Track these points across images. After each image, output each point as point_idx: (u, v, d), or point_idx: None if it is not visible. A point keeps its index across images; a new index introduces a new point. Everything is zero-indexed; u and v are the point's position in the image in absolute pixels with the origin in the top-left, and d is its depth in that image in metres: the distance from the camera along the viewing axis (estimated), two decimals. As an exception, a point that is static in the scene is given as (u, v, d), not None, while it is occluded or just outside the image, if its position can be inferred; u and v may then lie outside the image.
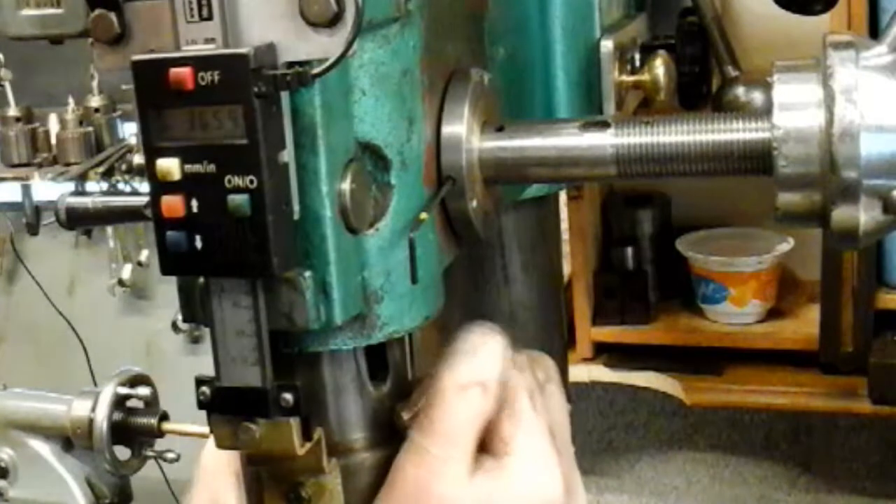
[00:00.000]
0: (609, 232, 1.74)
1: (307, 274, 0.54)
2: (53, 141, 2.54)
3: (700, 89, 1.13)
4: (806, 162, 0.57)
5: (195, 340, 2.73)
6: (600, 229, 1.74)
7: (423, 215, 0.58)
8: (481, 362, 0.60)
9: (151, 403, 1.23)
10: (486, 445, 0.60)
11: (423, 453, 0.58)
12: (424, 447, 0.58)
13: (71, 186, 2.42)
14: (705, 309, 1.66)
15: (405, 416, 0.61)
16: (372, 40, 0.55)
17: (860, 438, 1.78)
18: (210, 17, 0.51)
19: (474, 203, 0.63)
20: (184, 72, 0.50)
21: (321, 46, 0.51)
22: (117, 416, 1.21)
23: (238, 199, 0.50)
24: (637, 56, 0.85)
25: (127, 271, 2.73)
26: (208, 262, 0.52)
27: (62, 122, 2.53)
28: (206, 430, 0.57)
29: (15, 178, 2.60)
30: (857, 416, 1.66)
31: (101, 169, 2.47)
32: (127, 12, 0.53)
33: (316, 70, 0.50)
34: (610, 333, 1.67)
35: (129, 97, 0.52)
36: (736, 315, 1.63)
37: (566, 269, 1.61)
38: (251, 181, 0.50)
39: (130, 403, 1.23)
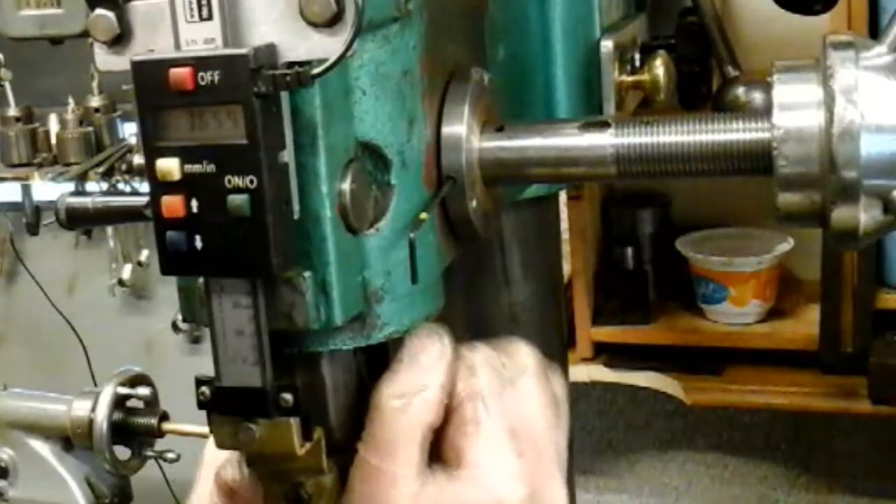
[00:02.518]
0: (609, 232, 1.74)
1: (307, 274, 0.54)
2: (53, 141, 2.54)
3: (700, 89, 1.13)
4: (806, 162, 0.57)
5: (195, 340, 2.73)
6: (600, 229, 1.74)
7: (424, 215, 0.58)
8: (419, 370, 0.58)
9: (151, 403, 1.23)
10: (440, 456, 0.59)
11: (367, 467, 0.57)
12: (368, 461, 0.57)
13: (71, 186, 2.42)
14: (705, 309, 1.66)
15: None
16: (372, 40, 0.55)
17: (860, 438, 1.78)
18: (210, 17, 0.51)
19: (474, 203, 0.63)
20: (184, 72, 0.50)
21: (321, 46, 0.51)
22: (117, 416, 1.21)
23: (238, 199, 0.50)
24: (637, 56, 0.85)
25: (127, 271, 2.72)
26: (208, 262, 0.52)
27: (62, 122, 2.53)
28: (206, 430, 0.57)
29: (15, 178, 2.59)
30: (857, 416, 1.66)
31: (101, 169, 2.46)
32: (127, 12, 0.53)
33: (316, 70, 0.50)
34: (610, 333, 1.67)
35: (129, 97, 0.52)
36: (736, 315, 1.63)
37: (566, 269, 1.61)
38: (251, 181, 0.50)
39: (130, 403, 1.23)
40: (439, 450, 0.59)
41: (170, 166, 0.51)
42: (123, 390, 1.22)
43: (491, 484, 0.58)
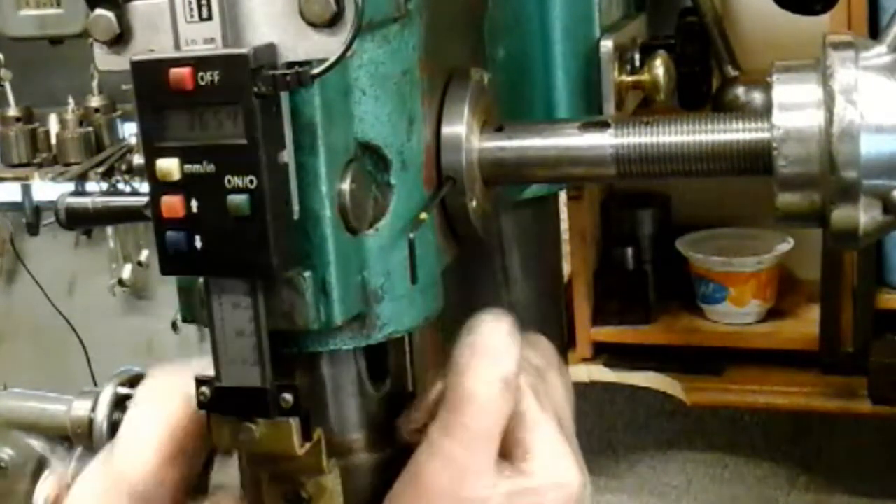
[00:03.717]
0: (609, 232, 1.74)
1: (307, 274, 0.54)
2: (53, 141, 2.54)
3: (700, 89, 1.13)
4: (806, 162, 0.57)
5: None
6: (600, 229, 1.74)
7: (423, 215, 0.58)
8: (500, 357, 0.58)
9: (151, 403, 1.23)
10: (503, 447, 0.59)
11: (450, 458, 0.57)
12: (451, 451, 0.57)
13: (71, 186, 2.42)
14: (705, 309, 1.66)
15: (411, 423, 0.60)
16: (372, 40, 0.55)
17: (860, 438, 1.78)
18: (210, 17, 0.51)
19: (474, 203, 0.63)
20: (184, 72, 0.50)
21: (321, 46, 0.51)
22: (117, 416, 1.20)
23: (238, 199, 0.50)
24: (637, 56, 0.85)
25: (127, 271, 2.73)
26: (208, 262, 0.52)
27: (62, 122, 2.53)
28: (205, 430, 0.57)
29: (15, 178, 2.60)
30: (857, 416, 1.66)
31: (101, 169, 2.47)
32: (127, 12, 0.53)
33: (316, 70, 0.50)
34: (610, 333, 1.67)
35: (129, 97, 0.52)
36: (736, 315, 1.63)
37: (566, 269, 1.61)
38: (251, 181, 0.50)
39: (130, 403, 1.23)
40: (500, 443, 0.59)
41: (169, 166, 0.51)
42: (123, 390, 1.21)
43: (560, 475, 0.59)
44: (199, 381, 0.55)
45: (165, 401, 0.61)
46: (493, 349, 0.58)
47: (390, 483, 0.59)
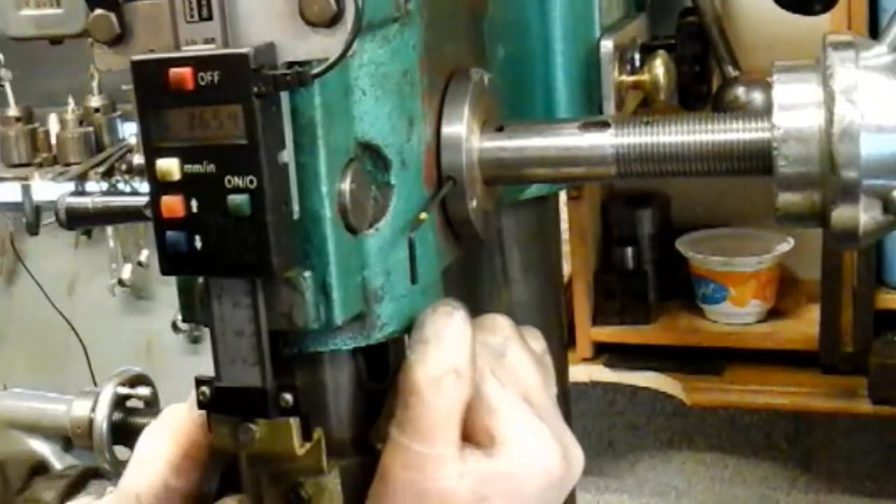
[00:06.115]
0: (609, 232, 1.74)
1: (307, 274, 0.54)
2: (53, 141, 2.54)
3: (700, 89, 1.13)
4: (806, 162, 0.57)
5: (195, 340, 2.73)
6: (600, 229, 1.74)
7: (423, 215, 0.58)
8: (449, 348, 0.57)
9: (151, 403, 1.23)
10: (469, 437, 0.58)
11: (409, 453, 0.56)
12: (409, 447, 0.56)
13: (71, 186, 2.42)
14: (705, 309, 1.66)
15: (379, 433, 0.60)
16: (372, 40, 0.55)
17: (860, 438, 1.78)
18: (210, 17, 0.51)
19: (474, 203, 0.63)
20: (184, 72, 0.50)
21: (321, 46, 0.51)
22: (117, 416, 1.21)
23: (238, 199, 0.50)
24: (637, 56, 0.85)
25: (127, 271, 2.73)
26: (208, 262, 0.52)
27: (62, 122, 2.53)
28: (205, 430, 0.57)
29: (15, 178, 2.59)
30: (857, 416, 1.66)
31: (101, 169, 2.46)
32: (127, 12, 0.53)
33: (315, 70, 0.50)
34: (610, 333, 1.67)
35: (129, 97, 0.52)
36: (736, 315, 1.63)
37: (566, 269, 1.61)
38: (251, 181, 0.50)
39: (130, 403, 1.23)
40: (466, 433, 0.58)
41: (170, 166, 0.51)
42: (123, 390, 1.22)
43: (531, 455, 0.58)
44: (199, 381, 0.55)
45: (175, 415, 0.62)
46: (442, 341, 0.57)
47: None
